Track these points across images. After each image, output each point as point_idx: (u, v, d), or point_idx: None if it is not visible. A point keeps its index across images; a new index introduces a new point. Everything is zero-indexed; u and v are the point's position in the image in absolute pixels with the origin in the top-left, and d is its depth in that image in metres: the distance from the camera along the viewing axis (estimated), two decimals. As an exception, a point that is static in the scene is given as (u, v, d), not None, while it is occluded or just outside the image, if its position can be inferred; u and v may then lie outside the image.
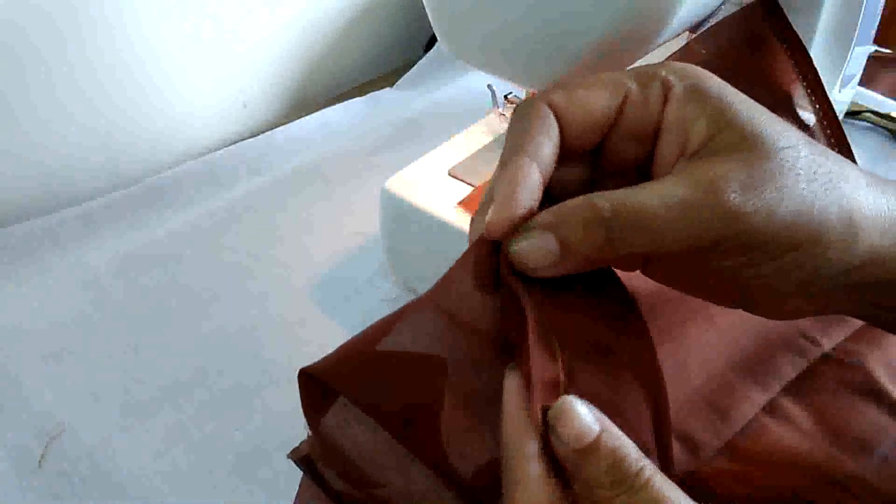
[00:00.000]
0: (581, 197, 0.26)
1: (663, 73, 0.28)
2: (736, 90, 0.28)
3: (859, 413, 0.39)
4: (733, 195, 0.25)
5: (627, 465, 0.22)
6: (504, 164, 0.27)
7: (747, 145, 0.26)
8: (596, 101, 0.27)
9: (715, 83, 0.27)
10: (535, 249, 0.25)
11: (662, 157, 0.28)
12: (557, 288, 0.26)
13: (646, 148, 0.28)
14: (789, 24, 0.41)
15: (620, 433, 0.23)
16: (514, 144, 0.27)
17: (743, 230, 0.25)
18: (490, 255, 0.26)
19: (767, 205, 0.25)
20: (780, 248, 0.26)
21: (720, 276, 0.27)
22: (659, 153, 0.28)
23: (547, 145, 0.27)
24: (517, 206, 0.25)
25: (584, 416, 0.22)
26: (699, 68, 0.28)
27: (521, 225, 0.26)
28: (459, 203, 0.46)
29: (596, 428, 0.22)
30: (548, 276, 0.26)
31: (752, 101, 0.27)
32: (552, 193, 0.28)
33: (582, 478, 0.22)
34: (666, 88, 0.28)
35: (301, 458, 0.26)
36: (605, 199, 0.25)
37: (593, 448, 0.22)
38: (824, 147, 0.28)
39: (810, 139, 0.27)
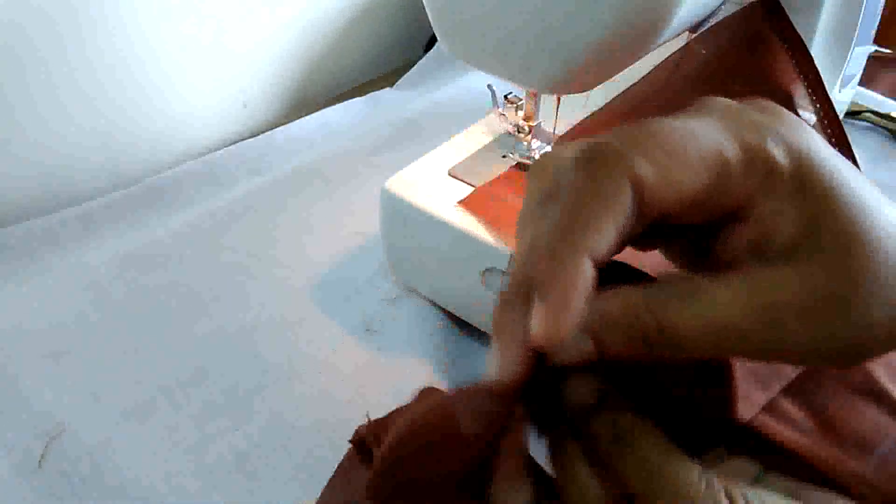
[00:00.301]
0: (626, 302, 0.23)
1: (773, 147, 0.23)
2: (851, 169, 0.24)
3: (859, 413, 0.39)
4: (797, 329, 0.22)
5: (623, 424, 0.23)
6: (558, 253, 0.21)
7: (835, 263, 0.22)
8: (691, 183, 0.22)
9: (827, 168, 0.23)
10: (571, 350, 0.23)
11: (734, 242, 0.24)
12: None
13: (716, 217, 0.24)
14: (790, 23, 0.41)
15: (623, 401, 0.24)
16: (574, 224, 0.21)
17: (793, 355, 0.23)
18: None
19: (828, 333, 0.22)
20: (823, 361, 0.24)
21: None
22: (732, 237, 0.24)
23: (612, 235, 0.22)
24: (570, 322, 0.21)
25: (585, 384, 0.24)
26: (815, 136, 0.24)
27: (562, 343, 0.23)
28: (459, 202, 0.46)
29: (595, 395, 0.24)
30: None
31: (863, 184, 0.24)
32: None
33: (589, 433, 0.24)
34: (769, 171, 0.23)
35: (358, 441, 0.26)
36: (653, 316, 0.22)
37: (597, 410, 0.24)
38: None
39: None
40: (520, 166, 0.49)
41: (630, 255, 0.28)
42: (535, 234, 0.23)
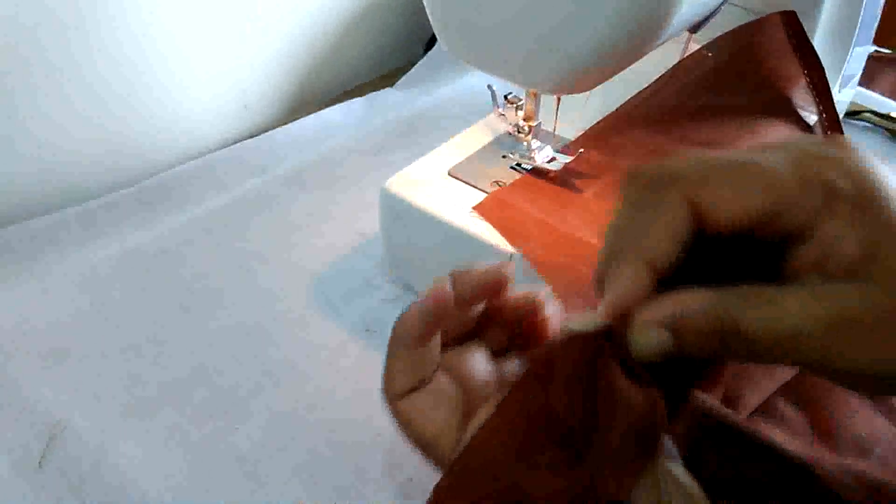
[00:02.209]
0: (706, 300, 0.24)
1: (832, 172, 0.24)
2: None
3: (856, 415, 0.39)
4: (868, 340, 0.23)
5: None
6: (617, 256, 0.25)
7: (893, 283, 0.23)
8: (746, 206, 0.24)
9: (888, 192, 0.24)
10: (650, 346, 0.24)
11: (799, 261, 0.24)
12: None
13: (780, 237, 0.25)
14: (804, 32, 0.41)
15: None
16: (633, 237, 0.24)
17: (868, 369, 0.23)
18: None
19: (887, 353, 0.23)
20: (882, 386, 0.24)
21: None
22: (798, 256, 0.24)
23: (667, 246, 0.24)
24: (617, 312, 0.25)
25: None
26: (875, 163, 0.24)
27: (640, 319, 0.25)
28: (474, 208, 0.46)
29: None
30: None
31: None
32: None
33: None
34: (830, 196, 0.24)
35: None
36: (730, 315, 0.24)
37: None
38: None
39: None
40: (520, 167, 0.49)
41: None
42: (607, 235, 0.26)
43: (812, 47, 0.41)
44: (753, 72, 0.41)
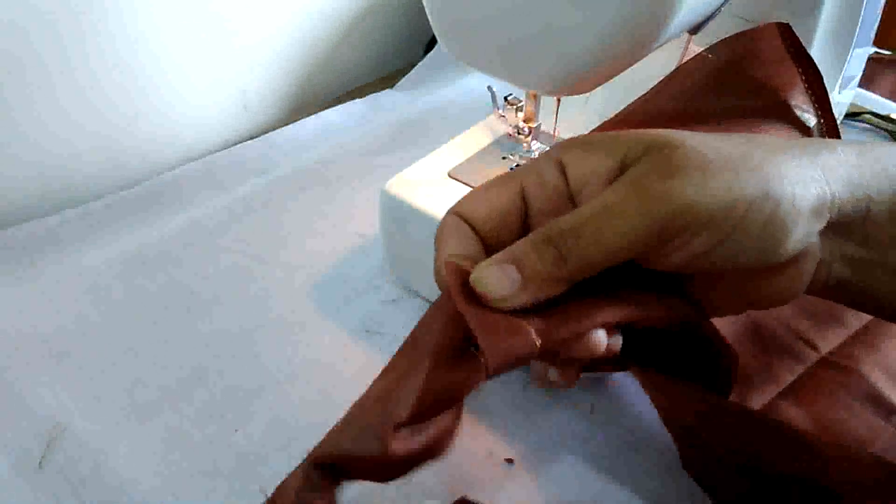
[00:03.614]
0: (529, 235, 0.29)
1: (548, 153, 0.32)
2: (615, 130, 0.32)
3: (856, 416, 0.39)
4: (657, 182, 0.27)
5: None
6: (437, 274, 0.32)
7: (655, 147, 0.29)
8: (496, 197, 0.32)
9: (594, 135, 0.31)
10: (496, 279, 0.28)
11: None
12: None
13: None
14: (800, 42, 0.42)
15: None
16: (439, 258, 0.31)
17: (679, 210, 0.27)
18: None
19: (695, 182, 0.27)
20: (728, 217, 0.27)
21: (699, 268, 0.29)
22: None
23: (466, 245, 0.31)
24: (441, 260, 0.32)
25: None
26: (575, 137, 0.32)
27: (479, 266, 0.29)
28: None
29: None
30: (517, 306, 0.29)
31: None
32: None
33: None
34: (557, 162, 0.31)
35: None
36: (551, 225, 0.29)
37: None
38: (731, 133, 0.31)
39: (707, 133, 0.30)
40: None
41: None
42: None
43: (808, 54, 0.41)
44: (753, 75, 0.42)
